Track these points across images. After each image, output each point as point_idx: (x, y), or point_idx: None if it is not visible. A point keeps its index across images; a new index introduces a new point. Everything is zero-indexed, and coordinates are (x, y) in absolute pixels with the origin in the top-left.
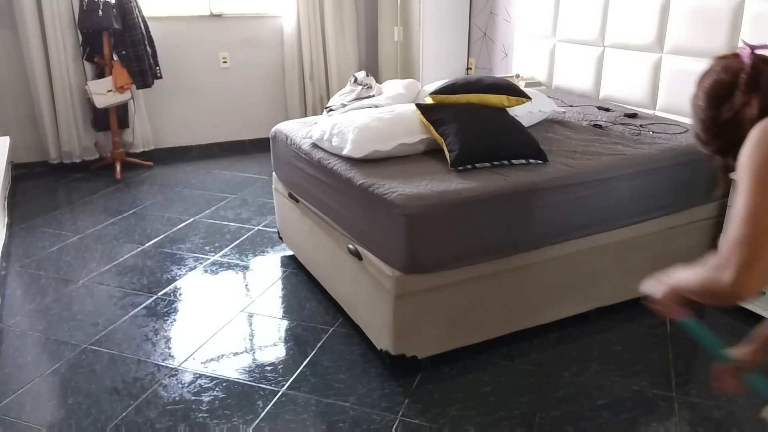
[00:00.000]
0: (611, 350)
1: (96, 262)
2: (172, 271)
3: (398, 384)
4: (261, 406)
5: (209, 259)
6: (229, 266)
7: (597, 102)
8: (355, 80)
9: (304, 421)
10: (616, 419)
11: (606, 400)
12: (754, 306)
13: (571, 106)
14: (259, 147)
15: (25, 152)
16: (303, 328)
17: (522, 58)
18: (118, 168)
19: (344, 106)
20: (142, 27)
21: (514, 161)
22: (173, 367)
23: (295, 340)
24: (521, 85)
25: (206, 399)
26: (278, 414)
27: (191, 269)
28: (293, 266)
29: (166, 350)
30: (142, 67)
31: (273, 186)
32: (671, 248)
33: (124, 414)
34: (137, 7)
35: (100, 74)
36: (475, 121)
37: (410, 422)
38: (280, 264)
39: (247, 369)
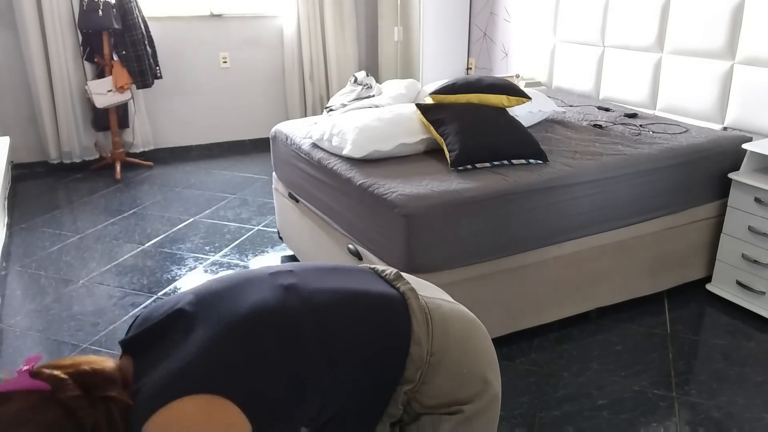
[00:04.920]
0: (611, 350)
1: (96, 262)
2: (172, 271)
3: None
4: None
5: (209, 259)
6: (229, 266)
7: (597, 102)
8: (355, 80)
9: None
10: (616, 419)
11: (606, 400)
12: (754, 306)
13: (571, 106)
14: (259, 147)
15: (25, 152)
16: None
17: (522, 58)
18: (118, 168)
19: (344, 106)
20: (142, 27)
21: (514, 161)
22: None
23: None
24: (521, 85)
25: None
26: None
27: (191, 269)
28: None
29: None
30: (142, 67)
31: (273, 186)
32: (671, 248)
33: None
34: (137, 7)
35: (100, 74)
36: (475, 121)
37: None
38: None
39: None
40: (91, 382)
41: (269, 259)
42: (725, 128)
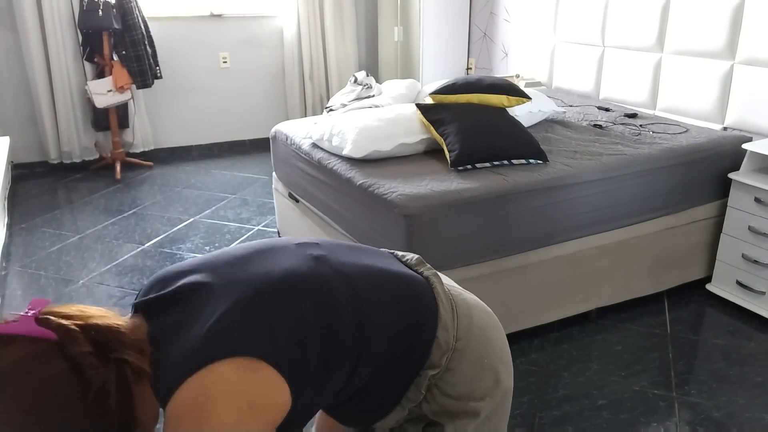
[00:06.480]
0: (611, 350)
1: (96, 262)
2: None
3: None
4: None
5: None
6: None
7: (597, 102)
8: (355, 80)
9: None
10: (616, 419)
11: (606, 400)
12: (754, 306)
13: (571, 106)
14: (259, 147)
15: (25, 152)
16: None
17: (522, 58)
18: (118, 168)
19: (344, 106)
20: (142, 27)
21: (514, 161)
22: None
23: None
24: (521, 85)
25: None
26: None
27: None
28: None
29: None
30: (142, 67)
31: (273, 186)
32: (671, 248)
33: None
34: (137, 7)
35: (100, 74)
36: (475, 121)
37: None
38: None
39: None
40: (102, 338)
41: None
42: (725, 128)
